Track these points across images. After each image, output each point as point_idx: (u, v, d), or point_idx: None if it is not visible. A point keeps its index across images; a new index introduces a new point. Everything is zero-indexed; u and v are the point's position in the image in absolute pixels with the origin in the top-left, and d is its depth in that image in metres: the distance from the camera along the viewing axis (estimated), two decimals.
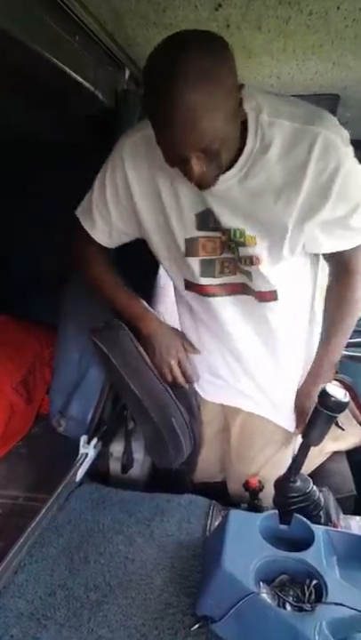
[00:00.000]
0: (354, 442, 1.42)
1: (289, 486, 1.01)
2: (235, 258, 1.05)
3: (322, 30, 0.96)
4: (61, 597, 0.95)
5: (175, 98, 0.73)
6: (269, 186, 0.92)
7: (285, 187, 0.91)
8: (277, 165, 0.90)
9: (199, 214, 1.00)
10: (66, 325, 1.39)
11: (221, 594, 0.85)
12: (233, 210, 0.97)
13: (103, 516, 1.18)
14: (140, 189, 1.01)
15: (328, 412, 0.94)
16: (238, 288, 1.08)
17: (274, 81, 1.27)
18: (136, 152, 0.99)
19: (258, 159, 0.90)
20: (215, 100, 0.74)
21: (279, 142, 0.88)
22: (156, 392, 1.19)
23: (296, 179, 0.90)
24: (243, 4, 0.88)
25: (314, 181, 0.90)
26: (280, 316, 1.11)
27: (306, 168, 0.88)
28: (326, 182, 0.89)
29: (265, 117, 0.87)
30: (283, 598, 0.82)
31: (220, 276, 1.06)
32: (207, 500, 1.23)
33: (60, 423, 1.36)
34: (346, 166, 0.89)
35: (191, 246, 1.04)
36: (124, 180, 1.01)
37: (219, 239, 1.03)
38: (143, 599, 0.94)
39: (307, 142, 0.87)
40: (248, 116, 0.87)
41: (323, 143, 0.86)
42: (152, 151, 0.93)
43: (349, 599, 0.78)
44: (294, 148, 0.88)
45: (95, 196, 1.07)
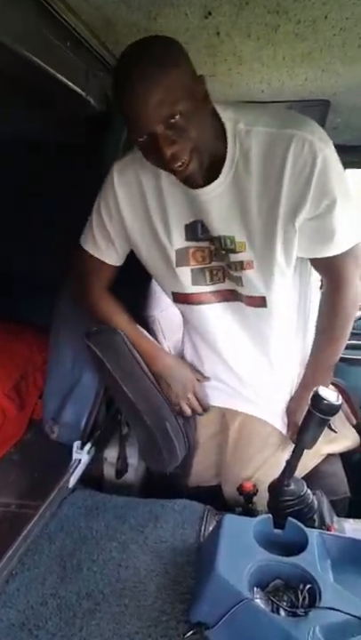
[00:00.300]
0: (348, 444, 1.42)
1: (283, 489, 1.01)
2: (224, 266, 1.07)
3: (310, 38, 0.97)
4: (53, 606, 0.94)
5: (132, 74, 0.82)
6: (254, 191, 0.95)
7: (268, 190, 0.94)
8: (259, 170, 0.94)
9: (188, 225, 1.05)
10: (59, 329, 1.38)
11: (215, 600, 0.84)
12: (222, 218, 1.00)
13: (96, 523, 1.17)
14: (131, 211, 1.07)
15: (321, 414, 0.95)
16: (228, 294, 1.10)
17: (265, 87, 1.28)
18: (125, 173, 1.05)
19: (240, 166, 0.94)
20: (168, 74, 0.81)
21: (257, 148, 0.92)
22: (151, 396, 1.19)
23: (277, 181, 0.93)
24: (232, 12, 0.89)
25: (293, 181, 0.92)
26: (270, 322, 1.12)
27: (284, 169, 0.91)
28: (305, 179, 0.92)
29: (242, 126, 0.93)
30: (276, 603, 0.81)
31: (210, 283, 1.09)
32: (201, 505, 1.23)
33: (53, 429, 1.36)
34: (322, 161, 0.91)
35: (181, 256, 1.07)
36: (116, 205, 1.07)
37: (208, 248, 1.06)
38: (136, 606, 0.93)
39: (283, 145, 0.91)
40: (226, 126, 0.93)
41: (298, 143, 0.90)
42: (141, 169, 1.02)
43: (343, 603, 0.77)
44: (272, 152, 0.92)
45: (94, 224, 1.12)
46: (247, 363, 1.20)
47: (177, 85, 0.82)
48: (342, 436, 1.40)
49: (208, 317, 1.14)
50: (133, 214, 1.07)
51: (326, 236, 1.00)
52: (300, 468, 1.09)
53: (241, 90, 1.30)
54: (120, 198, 1.06)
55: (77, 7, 0.90)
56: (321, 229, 0.99)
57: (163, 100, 0.81)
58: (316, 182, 0.92)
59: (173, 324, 1.37)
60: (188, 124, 0.85)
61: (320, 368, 1.18)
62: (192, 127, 0.86)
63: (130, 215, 1.07)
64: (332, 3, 0.84)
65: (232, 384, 1.23)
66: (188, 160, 0.88)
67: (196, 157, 0.89)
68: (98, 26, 0.98)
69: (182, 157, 0.87)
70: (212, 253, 1.06)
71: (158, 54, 0.83)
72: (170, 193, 1.03)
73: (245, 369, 1.20)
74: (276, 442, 1.25)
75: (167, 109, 0.82)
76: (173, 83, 0.82)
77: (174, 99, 0.82)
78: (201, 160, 0.91)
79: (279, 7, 0.86)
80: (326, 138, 0.93)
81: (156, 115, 0.82)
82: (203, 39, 1.01)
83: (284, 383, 1.23)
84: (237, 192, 0.97)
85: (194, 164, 0.89)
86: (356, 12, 0.87)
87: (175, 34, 0.98)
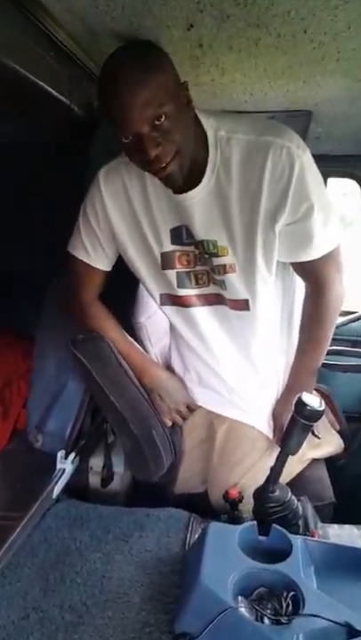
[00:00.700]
0: (332, 449, 1.43)
1: (268, 496, 1.02)
2: (208, 270, 1.09)
3: (290, 52, 0.99)
4: (35, 620, 0.92)
5: (118, 77, 0.85)
6: (234, 197, 0.98)
7: (248, 196, 0.97)
8: (239, 177, 0.96)
9: (173, 229, 1.06)
10: (43, 337, 1.37)
11: (200, 609, 0.84)
12: (205, 222, 1.02)
13: (80, 534, 1.15)
14: (118, 214, 1.08)
15: (304, 420, 0.96)
16: (213, 298, 1.12)
17: (248, 97, 1.30)
18: (112, 178, 1.07)
19: (221, 172, 0.97)
20: (154, 76, 0.85)
21: (238, 155, 0.96)
22: (137, 404, 1.19)
23: (256, 187, 0.96)
24: (213, 25, 0.90)
25: (272, 187, 0.95)
26: (254, 325, 1.13)
27: (263, 175, 0.94)
28: (284, 185, 0.95)
29: (222, 133, 0.96)
30: (260, 612, 0.81)
31: (195, 286, 1.11)
32: (187, 513, 1.22)
33: (37, 438, 1.34)
34: (300, 167, 0.94)
35: (167, 259, 1.09)
36: (103, 209, 1.08)
37: (192, 252, 1.08)
38: (120, 618, 0.92)
39: (262, 152, 0.94)
40: (207, 133, 0.96)
41: (276, 150, 0.93)
42: (127, 174, 1.05)
43: (326, 610, 0.77)
44: (251, 159, 0.95)
45: (82, 229, 1.12)
46: (232, 367, 1.20)
47: (162, 88, 0.85)
48: (327, 441, 1.41)
49: (194, 320, 1.14)
50: (121, 218, 1.08)
51: (305, 240, 1.02)
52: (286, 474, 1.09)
53: (224, 100, 1.31)
54: (107, 202, 1.07)
55: (61, 18, 0.91)
56: (300, 234, 1.01)
57: (148, 101, 0.84)
58: (295, 188, 0.95)
59: (160, 331, 1.37)
60: (173, 127, 0.87)
61: (304, 372, 1.19)
62: (176, 130, 0.88)
63: (117, 219, 1.08)
64: (311, 18, 0.86)
65: (218, 389, 1.24)
66: (170, 161, 0.90)
67: (177, 160, 0.91)
68: (82, 36, 0.99)
69: (165, 159, 0.89)
70: (197, 257, 1.08)
71: (143, 58, 0.87)
72: (156, 197, 1.05)
73: (231, 374, 1.21)
74: (262, 447, 1.26)
75: (153, 111, 0.84)
76: (158, 85, 0.85)
77: (159, 101, 0.84)
78: (182, 163, 0.92)
79: (259, 21, 0.88)
80: (303, 145, 0.96)
81: (142, 116, 0.84)
82: (186, 50, 1.02)
83: (269, 387, 1.24)
84: (219, 198, 0.99)
85: (174, 165, 0.91)
86: (334, 28, 0.89)
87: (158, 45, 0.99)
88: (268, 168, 0.94)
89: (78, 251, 1.14)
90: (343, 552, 0.95)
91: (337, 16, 0.85)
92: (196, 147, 0.95)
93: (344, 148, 1.74)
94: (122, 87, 0.84)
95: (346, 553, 0.95)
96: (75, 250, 1.15)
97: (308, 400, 0.95)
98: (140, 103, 0.84)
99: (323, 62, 1.04)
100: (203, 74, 1.14)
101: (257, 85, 1.20)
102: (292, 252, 1.04)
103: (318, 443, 1.38)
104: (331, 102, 1.29)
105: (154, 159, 0.88)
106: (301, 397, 0.96)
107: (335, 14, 0.84)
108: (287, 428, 0.98)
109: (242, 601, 0.85)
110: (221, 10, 0.85)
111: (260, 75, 1.13)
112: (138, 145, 0.88)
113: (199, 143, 0.96)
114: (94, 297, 1.19)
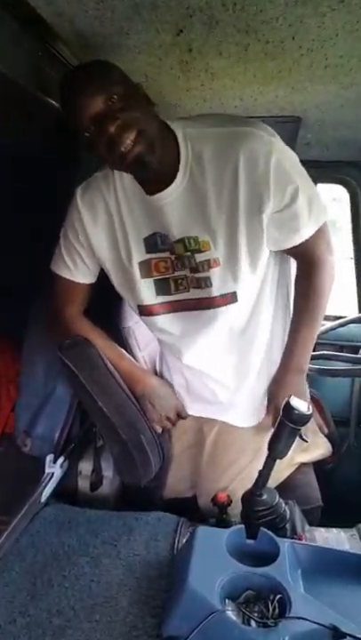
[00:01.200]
0: (320, 453, 1.44)
1: (255, 500, 1.02)
2: (187, 275, 1.08)
3: (279, 58, 1.00)
4: (22, 624, 0.91)
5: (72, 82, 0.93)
6: (211, 189, 0.99)
7: (225, 187, 0.98)
8: (213, 169, 0.98)
9: (147, 238, 1.07)
10: (31, 342, 1.37)
11: (187, 613, 0.84)
12: (183, 219, 1.03)
13: (69, 538, 1.15)
14: (95, 230, 1.10)
15: (292, 424, 0.96)
16: (194, 303, 1.11)
17: (237, 102, 1.31)
18: (89, 194, 1.10)
19: (195, 167, 0.99)
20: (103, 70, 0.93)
21: (209, 148, 0.98)
22: (125, 409, 1.18)
23: (232, 177, 0.97)
24: (203, 30, 0.91)
25: (249, 176, 0.97)
26: (243, 319, 1.12)
27: (237, 165, 0.96)
28: (262, 173, 0.96)
29: (190, 130, 1.00)
30: (248, 615, 0.81)
31: (175, 293, 1.10)
32: (175, 517, 1.22)
33: (26, 442, 1.33)
34: (276, 153, 0.96)
35: (144, 268, 1.10)
36: (82, 225, 1.10)
37: (169, 259, 1.08)
38: (108, 622, 0.92)
39: (234, 142, 0.96)
40: (176, 133, 0.99)
41: (248, 139, 0.96)
42: (105, 188, 1.08)
43: (312, 613, 0.78)
44: (224, 150, 0.97)
45: (63, 247, 1.15)
46: (221, 369, 1.20)
47: (109, 76, 0.92)
48: (315, 445, 1.41)
49: (177, 327, 1.14)
50: (99, 232, 1.10)
51: (295, 224, 1.03)
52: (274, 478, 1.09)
53: (214, 104, 1.32)
54: (85, 219, 1.09)
55: (51, 21, 0.91)
56: (289, 219, 1.02)
57: (100, 85, 0.90)
58: (275, 175, 0.96)
59: (148, 335, 1.37)
60: (127, 106, 0.90)
61: (302, 347, 1.15)
62: (132, 109, 0.91)
63: (95, 233, 1.10)
64: (299, 25, 0.87)
65: (207, 394, 1.24)
66: (133, 143, 0.91)
67: (142, 143, 0.91)
68: (72, 40, 0.99)
69: (127, 136, 0.90)
70: (174, 263, 1.08)
71: (93, 64, 0.96)
72: (127, 208, 1.07)
73: (220, 376, 1.20)
74: (251, 452, 1.26)
75: (103, 91, 0.89)
76: (105, 74, 0.92)
77: (109, 85, 0.90)
78: (148, 146, 0.92)
79: (248, 27, 0.89)
80: (272, 131, 0.99)
81: (94, 97, 0.89)
82: (175, 55, 1.03)
83: (262, 379, 1.21)
84: (195, 193, 1.00)
85: (140, 147, 0.91)
86: (321, 35, 0.90)
87: (148, 49, 1.00)
88: (241, 158, 0.95)
89: (61, 269, 1.16)
90: (330, 555, 0.96)
91: (324, 23, 0.86)
92: (165, 147, 0.97)
93: (333, 154, 1.76)
94: (74, 84, 0.93)
95: (332, 556, 0.96)
96: (57, 268, 1.16)
97: (295, 404, 0.96)
98: (92, 88, 0.90)
99: (311, 68, 1.05)
100: (193, 78, 1.15)
101: (247, 91, 1.21)
102: (283, 238, 1.05)
103: (307, 447, 1.39)
104: (319, 108, 1.31)
105: (115, 135, 0.89)
106: (289, 401, 0.96)
107: (323, 22, 0.86)
108: (275, 431, 0.99)
109: (229, 604, 0.85)
110: (211, 15, 0.85)
111: (249, 80, 1.14)
112: (98, 129, 0.90)
113: (169, 143, 0.98)
114: (78, 312, 1.20)
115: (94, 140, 0.92)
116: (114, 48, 1.01)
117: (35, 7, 0.85)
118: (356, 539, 1.11)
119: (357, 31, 0.88)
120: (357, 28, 0.87)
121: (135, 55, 1.02)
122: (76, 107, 0.91)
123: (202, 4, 0.82)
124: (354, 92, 1.17)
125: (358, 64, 1.02)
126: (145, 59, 1.04)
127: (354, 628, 0.76)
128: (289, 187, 0.98)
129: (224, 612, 0.81)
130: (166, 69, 1.10)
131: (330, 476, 1.48)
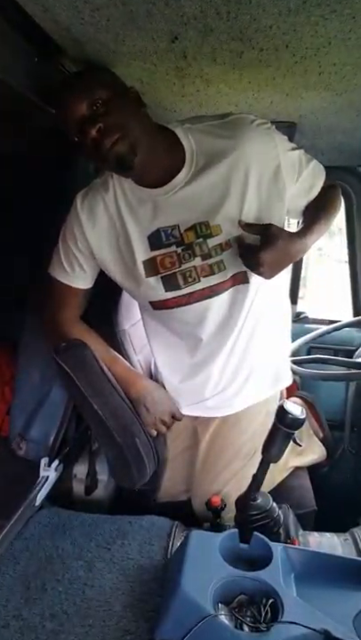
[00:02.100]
0: (315, 457, 1.45)
1: (249, 504, 1.02)
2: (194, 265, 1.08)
3: (273, 65, 1.01)
4: (15, 629, 0.91)
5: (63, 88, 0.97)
6: (220, 175, 1.03)
7: (234, 171, 1.02)
8: (219, 155, 1.02)
9: (150, 236, 1.08)
10: (26, 344, 1.37)
11: (180, 617, 0.84)
12: (193, 207, 1.06)
13: (63, 541, 1.15)
14: (96, 234, 1.11)
15: (286, 428, 0.97)
16: (206, 292, 1.10)
17: (233, 108, 1.32)
18: (89, 199, 1.11)
19: (200, 156, 1.04)
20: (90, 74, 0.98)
21: (211, 137, 1.03)
22: (121, 412, 1.19)
23: (239, 158, 1.02)
24: (197, 37, 0.91)
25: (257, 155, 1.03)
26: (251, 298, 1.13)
27: (244, 147, 1.02)
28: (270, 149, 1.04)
29: (188, 125, 1.05)
30: (240, 619, 0.82)
31: (185, 286, 1.10)
32: (169, 521, 1.22)
33: (21, 445, 1.33)
34: (275, 132, 1.06)
35: (149, 267, 1.09)
36: (81, 231, 1.11)
37: (175, 252, 1.08)
38: (101, 626, 0.92)
39: (235, 127, 1.03)
40: (175, 130, 1.04)
41: (247, 124, 1.03)
42: (105, 192, 1.10)
43: (304, 617, 0.78)
44: (226, 137, 1.02)
45: (62, 252, 1.15)
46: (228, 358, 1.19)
47: (99, 82, 0.96)
48: (310, 449, 1.42)
49: (189, 319, 1.13)
50: (98, 237, 1.11)
51: (312, 183, 1.14)
52: (269, 482, 1.10)
53: (210, 110, 1.33)
54: (84, 225, 1.10)
55: (47, 27, 0.91)
56: (309, 184, 1.13)
57: (85, 90, 0.94)
58: (281, 148, 1.04)
59: (144, 338, 1.37)
60: (111, 111, 0.93)
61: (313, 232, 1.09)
62: (116, 115, 0.94)
63: (94, 239, 1.11)
64: (292, 33, 0.88)
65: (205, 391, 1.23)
66: (116, 140, 0.93)
67: (125, 143, 0.94)
68: (68, 46, 1.00)
69: (108, 138, 0.93)
70: (181, 256, 1.08)
71: (84, 71, 1.01)
72: (128, 208, 1.09)
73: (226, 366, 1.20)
74: (246, 453, 1.26)
75: (89, 97, 0.93)
76: (95, 80, 0.96)
77: (95, 89, 0.94)
78: (127, 149, 0.95)
79: (242, 35, 0.90)
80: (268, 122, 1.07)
81: (79, 101, 0.93)
82: (171, 61, 1.03)
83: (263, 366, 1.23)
84: (203, 180, 1.04)
85: (121, 147, 0.94)
86: (315, 43, 0.91)
87: (143, 56, 1.01)
88: (248, 140, 1.01)
89: (58, 273, 1.17)
90: (323, 559, 0.96)
91: (317, 32, 0.87)
92: (162, 144, 1.01)
93: (328, 160, 1.76)
94: (64, 91, 0.96)
95: (325, 560, 0.96)
96: (54, 271, 1.17)
97: (289, 408, 0.96)
98: (76, 91, 0.94)
99: (305, 75, 1.06)
100: (188, 84, 1.15)
101: (242, 97, 1.22)
102: (305, 201, 1.15)
103: (301, 451, 1.39)
104: (314, 115, 1.32)
105: (96, 139, 0.93)
106: (283, 406, 0.97)
107: (316, 30, 0.87)
108: (269, 435, 0.99)
109: (222, 608, 0.85)
110: (205, 23, 0.86)
111: (244, 86, 1.15)
112: (82, 133, 0.94)
113: (167, 141, 1.03)
114: (74, 316, 1.20)
115: (82, 143, 0.96)
116: (109, 54, 1.01)
117: (31, 14, 0.86)
118: (350, 543, 1.11)
119: (350, 40, 0.89)
120: (350, 36, 0.88)
121: (130, 61, 1.03)
122: (64, 112, 0.95)
123: (196, 12, 0.82)
124: (348, 98, 1.18)
125: (352, 71, 1.03)
126: (140, 65, 1.05)
127: (346, 633, 0.76)
128: (295, 154, 1.07)
129: (217, 617, 0.81)
130: (162, 75, 1.11)
131: (324, 481, 1.48)
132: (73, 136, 0.96)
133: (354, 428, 1.81)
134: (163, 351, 1.26)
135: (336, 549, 1.09)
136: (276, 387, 1.29)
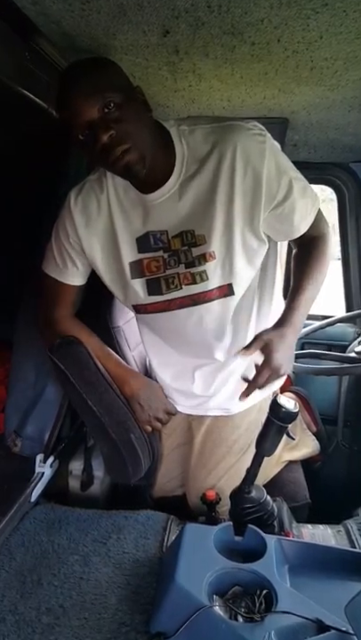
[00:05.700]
0: (308, 451, 1.46)
1: (243, 497, 1.03)
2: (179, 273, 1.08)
3: (265, 59, 1.01)
4: (11, 623, 0.91)
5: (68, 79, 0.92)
6: (207, 183, 1.01)
7: (221, 180, 0.99)
8: (209, 164, 0.99)
9: (139, 238, 1.08)
10: (20, 342, 1.36)
11: (175, 609, 0.84)
12: (180, 214, 1.04)
13: (58, 537, 1.15)
14: (88, 232, 1.10)
15: (279, 422, 0.98)
16: (187, 301, 1.10)
17: (225, 104, 1.32)
18: (83, 196, 1.10)
19: (191, 163, 1.01)
20: (100, 70, 0.92)
21: (204, 143, 1.00)
22: (115, 408, 1.19)
23: (228, 170, 0.98)
24: (189, 31, 0.91)
25: (245, 169, 0.98)
26: (235, 310, 1.12)
27: (234, 158, 0.97)
28: (258, 166, 0.98)
29: (184, 127, 1.01)
30: (235, 610, 0.82)
31: (166, 292, 1.09)
32: (165, 515, 1.23)
33: (16, 443, 1.33)
34: (269, 147, 0.99)
35: (135, 269, 1.10)
36: (73, 227, 1.10)
37: (161, 257, 1.08)
38: (97, 619, 0.92)
39: (228, 136, 0.98)
40: (171, 132, 1.00)
41: (242, 133, 0.97)
42: (99, 190, 1.09)
43: (298, 607, 0.79)
44: (218, 145, 0.98)
45: (54, 248, 1.14)
46: (210, 365, 1.20)
47: (107, 80, 0.91)
48: (303, 443, 1.43)
49: (171, 324, 1.14)
50: (90, 234, 1.10)
51: (297, 214, 1.06)
52: (263, 476, 1.10)
53: (202, 105, 1.33)
54: (77, 221, 1.09)
55: (37, 21, 0.91)
56: (290, 210, 1.04)
57: (95, 89, 0.88)
58: (269, 167, 0.98)
59: (138, 335, 1.37)
60: (123, 117, 0.90)
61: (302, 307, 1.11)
62: (128, 121, 0.90)
63: (86, 235, 1.10)
64: (284, 27, 0.88)
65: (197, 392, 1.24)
66: (126, 151, 0.91)
67: (135, 152, 0.92)
68: (58, 40, 0.99)
69: (119, 146, 0.90)
70: (166, 262, 1.08)
71: (91, 61, 0.94)
72: (120, 208, 1.08)
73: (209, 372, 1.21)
74: (240, 448, 1.27)
75: (100, 97, 0.88)
76: (103, 77, 0.91)
77: (106, 90, 0.89)
78: (141, 154, 0.93)
79: (234, 29, 0.90)
80: (262, 127, 1.01)
81: (90, 102, 0.88)
82: (163, 56, 1.03)
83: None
84: (191, 188, 1.01)
85: (132, 155, 0.92)
86: (306, 37, 0.92)
87: (135, 50, 1.01)
88: (237, 151, 0.96)
89: (51, 269, 1.16)
90: (316, 551, 0.97)
91: (309, 26, 0.88)
92: (159, 148, 0.98)
93: (321, 156, 1.77)
94: (71, 85, 0.91)
95: (318, 551, 0.97)
96: (47, 268, 1.17)
97: (283, 402, 0.97)
98: (87, 92, 0.88)
99: (297, 70, 1.06)
100: (180, 79, 1.15)
101: (234, 92, 1.22)
102: (290, 229, 1.09)
103: (295, 445, 1.40)
104: (306, 110, 1.32)
105: (107, 145, 0.89)
106: (277, 399, 0.98)
107: (307, 24, 0.87)
108: (262, 429, 1.00)
109: (217, 600, 0.86)
110: (196, 17, 0.86)
111: (236, 81, 1.15)
112: (93, 136, 0.90)
113: (163, 144, 0.99)
114: (68, 313, 1.20)
115: (86, 145, 0.93)
116: (100, 48, 1.01)
117: (20, 7, 0.86)
118: (343, 535, 1.12)
119: (341, 34, 0.90)
120: (341, 30, 0.88)
121: (122, 56, 1.03)
122: (72, 110, 0.90)
123: (187, 6, 0.83)
124: (340, 93, 1.19)
125: (344, 66, 1.04)
126: (132, 59, 1.05)
127: (338, 621, 0.77)
128: (284, 178, 1.00)
129: (211, 608, 0.82)
130: (154, 70, 1.11)
131: (318, 474, 1.49)
132: (77, 135, 0.92)
133: (347, 422, 1.83)
134: (154, 350, 1.27)
135: (329, 541, 1.10)
136: (271, 388, 1.29)
